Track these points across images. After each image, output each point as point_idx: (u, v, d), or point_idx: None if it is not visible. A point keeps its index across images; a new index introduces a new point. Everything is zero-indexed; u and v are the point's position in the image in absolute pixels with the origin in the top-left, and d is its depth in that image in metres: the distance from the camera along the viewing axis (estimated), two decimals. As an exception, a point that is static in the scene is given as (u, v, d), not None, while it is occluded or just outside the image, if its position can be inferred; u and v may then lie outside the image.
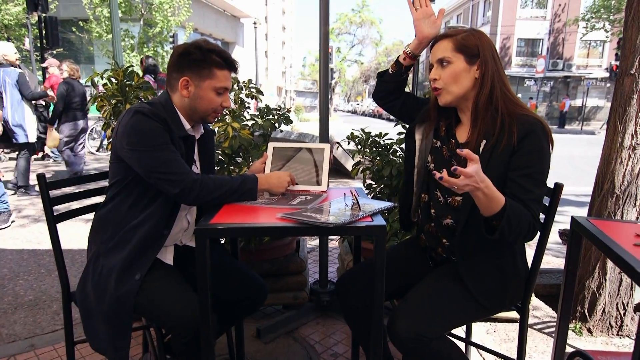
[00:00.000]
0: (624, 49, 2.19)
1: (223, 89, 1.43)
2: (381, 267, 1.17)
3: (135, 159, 1.31)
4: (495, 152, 1.25)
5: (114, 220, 1.38)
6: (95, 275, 1.34)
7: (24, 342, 2.10)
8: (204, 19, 25.03)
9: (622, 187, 2.16)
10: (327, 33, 2.20)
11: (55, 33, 11.16)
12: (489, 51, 1.30)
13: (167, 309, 1.28)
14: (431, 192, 1.45)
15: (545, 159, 1.23)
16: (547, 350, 2.04)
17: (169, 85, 1.45)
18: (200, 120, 1.50)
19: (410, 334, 1.20)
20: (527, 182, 1.21)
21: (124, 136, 1.32)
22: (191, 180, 1.31)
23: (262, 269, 2.25)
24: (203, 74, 1.39)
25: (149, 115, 1.32)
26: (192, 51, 1.38)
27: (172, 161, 1.31)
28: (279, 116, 2.33)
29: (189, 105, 1.43)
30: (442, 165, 1.38)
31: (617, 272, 2.21)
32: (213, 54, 1.39)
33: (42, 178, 1.44)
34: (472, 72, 1.30)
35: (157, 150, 1.31)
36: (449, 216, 1.37)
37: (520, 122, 1.24)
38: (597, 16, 19.91)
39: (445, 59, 1.31)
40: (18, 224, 4.09)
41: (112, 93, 2.02)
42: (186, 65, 1.39)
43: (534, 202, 1.20)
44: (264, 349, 2.04)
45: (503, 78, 1.31)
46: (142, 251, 1.35)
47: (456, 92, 1.32)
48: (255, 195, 1.41)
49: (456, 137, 1.40)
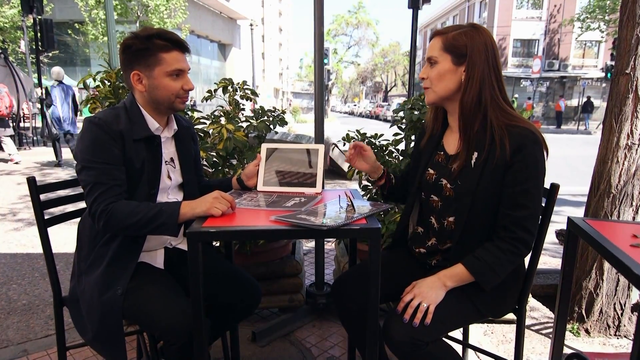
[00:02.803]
0: (619, 48, 2.18)
1: (177, 71, 1.34)
2: (376, 270, 1.15)
3: (77, 169, 1.30)
4: (488, 167, 1.24)
5: (89, 236, 1.36)
6: (82, 292, 1.34)
7: (17, 348, 2.07)
8: (200, 21, 25.03)
9: (619, 187, 2.15)
10: (321, 34, 2.19)
11: (50, 35, 11.12)
12: (480, 52, 1.23)
13: (156, 315, 1.25)
14: (425, 221, 1.45)
15: (541, 171, 1.22)
16: (545, 352, 2.03)
17: (127, 85, 1.40)
18: (170, 111, 1.43)
19: (405, 338, 1.18)
20: (523, 198, 1.21)
21: (77, 144, 1.31)
22: (100, 211, 1.24)
23: (257, 271, 2.23)
24: (150, 62, 1.31)
25: (99, 125, 1.28)
26: (131, 43, 1.31)
27: (95, 184, 1.26)
28: (274, 118, 2.31)
29: (149, 99, 1.37)
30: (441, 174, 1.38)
31: (614, 272, 2.20)
32: (154, 39, 1.31)
33: (32, 181, 1.42)
34: (458, 73, 1.26)
35: (86, 169, 1.27)
36: (448, 241, 1.37)
37: (512, 134, 1.21)
38: (592, 16, 19.99)
39: (432, 58, 1.30)
40: (12, 228, 4.06)
41: (105, 95, 2.00)
42: (131, 59, 1.32)
43: (528, 220, 1.21)
44: (260, 352, 2.02)
45: (495, 83, 1.25)
46: (119, 264, 1.32)
47: (439, 93, 1.30)
48: (174, 230, 1.28)
49: (444, 148, 1.39)
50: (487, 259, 1.22)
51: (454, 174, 1.31)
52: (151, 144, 1.39)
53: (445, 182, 1.34)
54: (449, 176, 1.33)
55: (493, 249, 1.23)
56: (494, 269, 1.22)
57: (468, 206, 1.26)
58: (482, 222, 1.28)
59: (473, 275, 1.23)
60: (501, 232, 1.24)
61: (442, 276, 1.26)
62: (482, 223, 1.28)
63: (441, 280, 1.25)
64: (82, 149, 1.28)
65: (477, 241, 1.27)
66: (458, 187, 1.30)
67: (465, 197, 1.27)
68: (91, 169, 1.27)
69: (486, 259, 1.22)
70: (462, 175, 1.29)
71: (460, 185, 1.29)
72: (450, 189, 1.33)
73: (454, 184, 1.31)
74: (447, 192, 1.34)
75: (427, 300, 1.21)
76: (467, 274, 1.23)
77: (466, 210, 1.27)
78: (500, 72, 1.27)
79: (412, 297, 1.22)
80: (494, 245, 1.23)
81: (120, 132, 1.30)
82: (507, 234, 1.22)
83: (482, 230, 1.28)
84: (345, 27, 34.66)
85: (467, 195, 1.26)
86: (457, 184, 1.30)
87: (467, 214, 1.27)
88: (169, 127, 1.47)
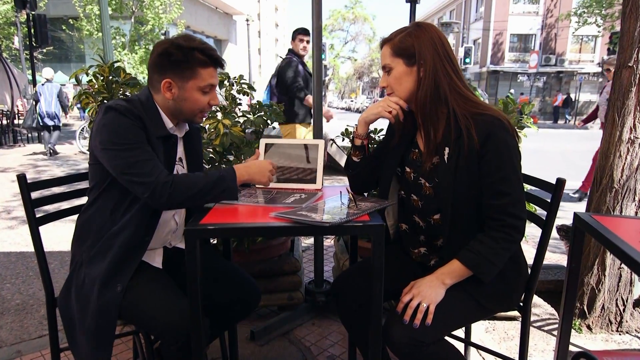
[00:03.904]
0: (622, 41, 2.15)
1: (209, 87, 1.35)
2: (379, 268, 1.12)
3: (107, 158, 1.24)
4: (461, 160, 1.22)
5: (95, 227, 1.31)
6: (78, 286, 1.28)
7: (10, 349, 2.03)
8: (196, 17, 24.86)
9: (621, 182, 2.12)
10: (319, 28, 2.15)
11: (44, 31, 11.02)
12: (428, 47, 1.24)
13: (154, 315, 1.22)
14: (408, 219, 1.42)
15: (514, 154, 1.21)
16: (547, 349, 2.01)
17: (150, 85, 1.36)
18: (187, 121, 1.44)
19: (406, 340, 1.15)
20: (503, 185, 1.20)
21: (97, 134, 1.25)
22: (162, 183, 1.21)
23: (255, 269, 2.19)
24: (186, 74, 1.30)
25: (122, 112, 1.24)
26: (172, 52, 1.28)
27: (143, 162, 1.22)
28: (271, 112, 2.27)
29: (173, 107, 1.35)
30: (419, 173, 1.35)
31: (616, 267, 2.18)
32: (195, 52, 1.29)
33: (23, 179, 1.37)
34: (413, 73, 1.28)
35: (128, 150, 1.22)
36: (440, 237, 1.34)
37: (478, 123, 1.21)
38: (589, 11, 19.96)
39: (387, 66, 1.31)
40: (6, 226, 4.01)
41: (98, 90, 1.95)
42: (167, 66, 1.30)
43: (513, 206, 1.20)
44: (259, 351, 1.99)
45: (450, 72, 1.26)
46: (124, 260, 1.28)
47: (402, 96, 1.31)
48: (236, 194, 1.31)
49: (419, 146, 1.38)
50: (481, 250, 1.20)
51: (426, 172, 1.31)
52: (167, 142, 1.37)
53: (423, 181, 1.33)
54: (425, 174, 1.32)
55: (486, 239, 1.21)
56: (490, 259, 1.20)
57: (450, 201, 1.25)
58: (467, 215, 1.26)
59: (470, 269, 1.21)
60: (490, 222, 1.22)
61: (440, 274, 1.23)
62: (469, 216, 1.26)
63: (439, 279, 1.22)
64: (113, 134, 1.23)
65: (467, 235, 1.25)
66: (436, 184, 1.29)
67: (445, 193, 1.26)
68: (132, 149, 1.23)
69: (480, 250, 1.20)
70: (438, 173, 1.28)
71: (438, 183, 1.28)
72: (429, 187, 1.32)
73: (432, 182, 1.30)
74: (427, 190, 1.33)
75: (426, 299, 1.18)
76: (464, 268, 1.21)
77: (449, 206, 1.25)
78: (454, 60, 1.28)
79: (411, 298, 1.19)
80: (486, 236, 1.22)
81: (144, 125, 1.28)
82: (497, 223, 1.21)
83: (469, 223, 1.26)
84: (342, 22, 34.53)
85: (447, 191, 1.25)
86: (435, 181, 1.29)
87: (451, 209, 1.25)
88: (180, 128, 1.45)
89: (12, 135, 10.14)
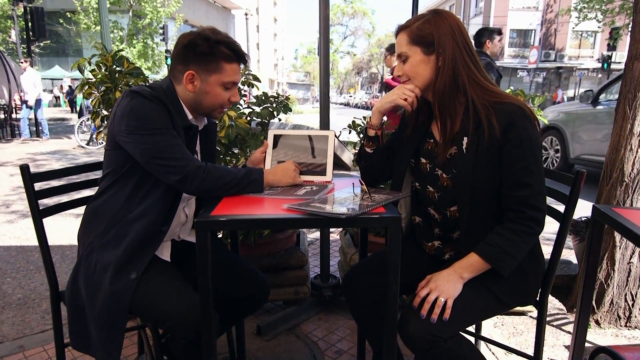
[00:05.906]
0: (633, 32, 2.11)
1: (231, 83, 1.32)
2: (396, 262, 1.09)
3: (134, 143, 1.21)
4: (481, 149, 1.19)
5: (109, 213, 1.28)
6: (89, 272, 1.24)
7: (13, 344, 2.00)
8: (194, 11, 24.71)
9: (632, 175, 2.10)
10: (327, 17, 2.11)
11: (41, 24, 10.93)
12: (447, 35, 1.20)
13: (165, 308, 1.19)
14: (422, 212, 1.39)
15: (536, 145, 1.18)
16: (557, 344, 1.99)
17: (172, 76, 1.33)
18: (205, 116, 1.41)
19: (423, 334, 1.12)
20: (524, 176, 1.16)
21: (123, 119, 1.21)
22: (195, 167, 1.22)
23: (262, 263, 2.16)
24: (210, 67, 1.28)
25: (150, 98, 1.22)
26: (198, 43, 1.26)
27: (174, 146, 1.22)
28: (278, 104, 2.23)
29: (193, 100, 1.33)
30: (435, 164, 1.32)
31: (626, 262, 2.16)
32: (221, 46, 1.27)
33: (26, 169, 1.34)
34: (431, 62, 1.23)
35: (158, 135, 1.21)
36: (456, 230, 1.31)
37: (499, 112, 1.17)
38: (589, 6, 19.89)
39: (403, 55, 1.27)
40: (6, 220, 3.97)
41: (101, 79, 1.91)
42: (192, 58, 1.28)
43: (534, 197, 1.16)
44: (266, 346, 1.96)
45: (469, 62, 1.22)
46: (139, 248, 1.25)
47: (419, 86, 1.27)
48: (262, 187, 1.32)
49: (434, 136, 1.34)
50: (500, 243, 1.17)
51: (443, 163, 1.28)
52: (187, 133, 1.34)
53: (440, 172, 1.29)
54: (442, 165, 1.28)
55: (505, 231, 1.18)
56: (509, 252, 1.16)
57: (469, 193, 1.21)
58: (487, 206, 1.22)
59: (488, 262, 1.17)
60: (510, 214, 1.19)
61: (458, 268, 1.20)
62: (488, 208, 1.22)
63: (457, 273, 1.19)
64: (142, 119, 1.20)
65: (485, 227, 1.22)
66: (454, 175, 1.25)
67: (464, 184, 1.22)
68: (162, 134, 1.22)
69: (499, 243, 1.17)
70: (456, 163, 1.24)
71: (457, 174, 1.24)
72: (447, 179, 1.28)
73: (449, 173, 1.27)
74: (444, 182, 1.29)
75: (444, 294, 1.15)
76: (482, 262, 1.18)
77: (467, 197, 1.22)
78: (472, 50, 1.24)
79: (428, 292, 1.16)
80: (505, 228, 1.18)
81: (169, 112, 1.27)
82: (516, 214, 1.18)
83: (487, 215, 1.23)
84: (341, 16, 34.37)
85: (466, 182, 1.21)
86: (453, 172, 1.26)
87: (469, 201, 1.22)
88: (199, 120, 1.42)
89: (10, 129, 10.08)
